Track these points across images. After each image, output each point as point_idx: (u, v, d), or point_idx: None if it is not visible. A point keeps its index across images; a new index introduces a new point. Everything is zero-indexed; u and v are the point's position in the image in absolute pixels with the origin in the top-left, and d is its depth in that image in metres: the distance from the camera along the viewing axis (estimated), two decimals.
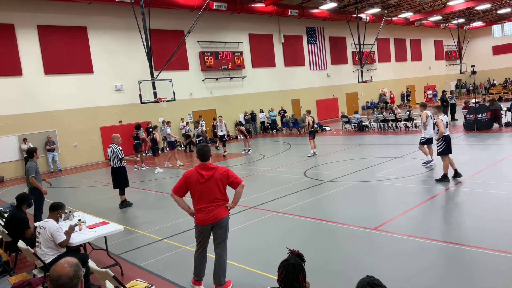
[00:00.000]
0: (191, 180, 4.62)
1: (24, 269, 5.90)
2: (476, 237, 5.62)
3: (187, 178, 4.65)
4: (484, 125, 16.48)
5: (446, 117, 9.11)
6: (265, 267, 5.26)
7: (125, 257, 6.30)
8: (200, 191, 4.61)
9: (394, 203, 7.87)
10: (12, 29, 17.61)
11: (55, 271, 2.21)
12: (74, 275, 2.22)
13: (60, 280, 2.17)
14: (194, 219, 4.77)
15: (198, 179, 4.61)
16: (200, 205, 4.65)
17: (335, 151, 15.58)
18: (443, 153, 8.85)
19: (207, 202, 4.63)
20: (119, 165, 9.51)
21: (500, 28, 44.48)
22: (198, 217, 4.70)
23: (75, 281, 2.21)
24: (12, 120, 17.65)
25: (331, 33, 31.94)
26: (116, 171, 9.56)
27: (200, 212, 4.67)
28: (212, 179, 4.62)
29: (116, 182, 9.64)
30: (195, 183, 4.61)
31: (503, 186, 8.00)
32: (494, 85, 43.10)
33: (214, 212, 4.65)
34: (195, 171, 4.66)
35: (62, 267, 2.22)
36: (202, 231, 4.73)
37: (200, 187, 4.61)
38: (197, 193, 4.63)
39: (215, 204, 4.66)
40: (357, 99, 34.47)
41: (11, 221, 6.07)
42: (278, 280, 2.45)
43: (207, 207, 4.64)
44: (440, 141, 8.83)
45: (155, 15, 18.53)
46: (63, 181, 15.64)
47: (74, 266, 2.25)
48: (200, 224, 4.70)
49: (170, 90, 17.47)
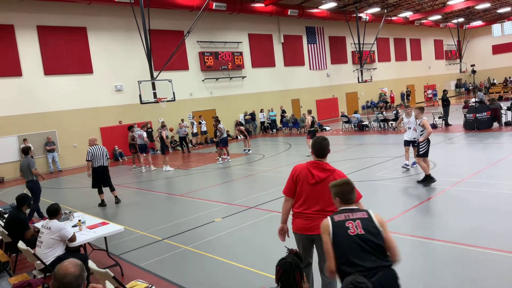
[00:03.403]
0: (300, 178, 3.80)
1: (24, 270, 5.90)
2: (477, 236, 5.61)
3: (296, 176, 3.82)
4: (484, 124, 16.47)
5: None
6: (265, 266, 5.26)
7: (125, 257, 6.31)
8: (307, 193, 3.76)
9: (394, 203, 7.87)
10: (12, 30, 17.61)
11: (60, 270, 2.30)
12: (79, 275, 2.31)
13: (65, 278, 2.25)
14: (292, 223, 3.91)
15: (308, 178, 3.77)
16: (303, 209, 3.77)
17: (335, 151, 15.58)
18: (425, 155, 8.80)
19: (313, 208, 3.72)
20: (107, 164, 10.17)
21: (500, 27, 44.47)
22: (299, 223, 3.80)
23: (79, 281, 2.30)
24: (12, 120, 17.65)
25: (330, 32, 31.94)
26: (107, 170, 10.16)
27: (300, 218, 3.78)
28: (326, 183, 3.62)
29: (107, 180, 10.22)
30: (304, 182, 3.78)
31: (503, 186, 7.99)
32: (494, 84, 43.11)
33: (318, 222, 3.34)
34: (306, 167, 3.82)
35: (68, 267, 2.31)
36: (300, 240, 3.86)
37: (309, 187, 3.75)
38: (302, 193, 3.79)
39: (322, 214, 3.61)
40: (357, 98, 34.47)
41: (11, 222, 6.07)
42: (276, 279, 2.45)
43: (310, 214, 3.71)
44: (424, 142, 8.77)
45: (154, 16, 18.53)
46: (63, 182, 15.65)
47: (79, 267, 2.35)
48: (296, 232, 3.86)
49: (170, 90, 17.48)
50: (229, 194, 10.53)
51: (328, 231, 3.01)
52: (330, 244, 2.96)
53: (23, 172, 9.00)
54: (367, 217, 3.01)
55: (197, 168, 14.99)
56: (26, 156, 9.01)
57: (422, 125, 8.82)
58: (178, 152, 21.20)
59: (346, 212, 3.07)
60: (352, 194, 3.20)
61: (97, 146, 10.10)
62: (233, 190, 10.99)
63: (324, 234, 3.05)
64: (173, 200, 10.18)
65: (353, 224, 2.97)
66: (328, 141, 3.90)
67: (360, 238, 2.88)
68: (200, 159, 17.64)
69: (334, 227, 2.99)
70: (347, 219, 3.01)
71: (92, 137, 10.56)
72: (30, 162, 8.87)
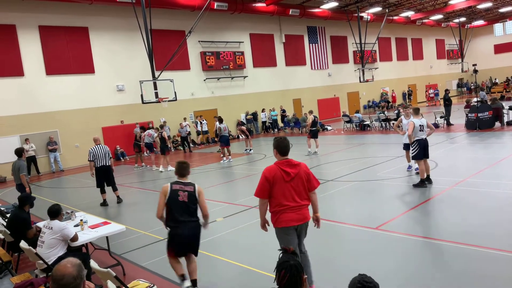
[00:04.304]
0: (276, 180, 4.11)
1: (26, 269, 5.92)
2: (478, 236, 5.60)
3: (271, 178, 4.12)
4: (486, 124, 16.44)
5: (420, 121, 8.77)
6: (266, 266, 5.26)
7: (127, 257, 6.32)
8: (286, 190, 4.13)
9: (395, 203, 7.87)
10: (14, 30, 17.65)
11: (58, 271, 2.21)
12: (77, 275, 2.22)
13: (63, 279, 2.17)
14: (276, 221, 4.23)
15: (283, 177, 4.12)
16: (287, 205, 4.14)
17: (336, 150, 15.57)
18: (416, 157, 8.74)
19: (295, 201, 4.16)
20: (110, 163, 10.20)
21: (502, 26, 44.34)
22: (289, 217, 4.15)
23: (78, 281, 2.22)
24: (13, 120, 17.69)
25: (332, 32, 31.91)
26: (110, 169, 10.20)
27: (287, 212, 4.15)
28: (298, 177, 4.16)
29: (111, 179, 10.25)
30: (280, 182, 4.12)
31: (505, 185, 7.98)
32: (496, 84, 43.00)
33: (303, 212, 4.21)
34: (277, 169, 4.15)
35: (65, 267, 2.22)
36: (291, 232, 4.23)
37: (286, 185, 4.12)
38: (281, 192, 4.13)
39: (303, 203, 4.21)
40: (359, 98, 34.43)
41: (13, 221, 6.09)
42: (281, 283, 2.29)
43: (295, 207, 4.16)
44: (414, 144, 8.72)
45: (156, 15, 18.54)
46: (65, 181, 15.68)
47: (77, 266, 2.25)
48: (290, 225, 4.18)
49: (172, 90, 17.49)
50: (231, 193, 10.54)
51: (166, 193, 4.59)
52: (164, 202, 4.57)
53: (14, 173, 8.95)
54: (192, 191, 4.64)
55: (198, 168, 15.00)
56: (19, 159, 8.88)
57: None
58: (180, 152, 21.22)
59: (180, 184, 4.66)
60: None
61: (99, 145, 10.12)
62: (235, 190, 10.99)
63: (162, 194, 4.61)
64: None
65: (182, 194, 4.58)
66: (289, 140, 4.40)
67: (184, 203, 4.57)
68: (201, 158, 17.64)
69: (171, 192, 4.58)
70: (180, 190, 4.60)
71: (95, 136, 10.62)
72: (20, 166, 8.73)
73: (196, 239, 4.72)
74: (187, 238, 4.61)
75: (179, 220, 4.54)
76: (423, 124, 8.73)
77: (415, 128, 8.69)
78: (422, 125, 8.71)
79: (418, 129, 8.70)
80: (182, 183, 4.69)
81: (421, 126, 8.72)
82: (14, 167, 8.91)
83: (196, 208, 4.66)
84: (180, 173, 4.78)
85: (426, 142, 8.75)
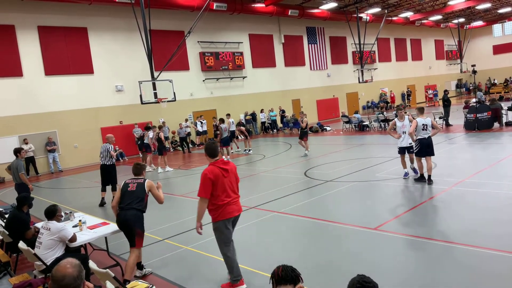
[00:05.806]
0: (218, 178, 4.66)
1: (25, 270, 5.90)
2: (477, 236, 5.60)
3: (213, 177, 4.64)
4: (484, 124, 16.46)
5: (424, 120, 8.73)
6: (266, 267, 5.25)
7: (125, 257, 6.29)
8: (226, 185, 4.72)
9: (394, 203, 7.87)
10: (13, 30, 17.62)
11: (58, 272, 2.20)
12: (78, 275, 2.22)
13: (64, 280, 2.17)
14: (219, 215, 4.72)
15: (223, 174, 4.72)
16: (228, 199, 4.73)
17: (335, 151, 15.57)
18: (417, 154, 9.01)
19: (234, 194, 4.82)
20: (111, 162, 10.32)
21: (501, 27, 44.43)
22: (232, 209, 4.77)
23: (78, 281, 2.22)
24: (12, 121, 17.66)
25: (331, 33, 31.93)
26: (109, 168, 10.30)
27: (230, 204, 4.76)
28: (231, 172, 4.83)
29: (109, 178, 10.32)
30: (221, 179, 4.69)
31: (504, 186, 7.98)
32: (495, 85, 43.07)
33: (239, 203, 4.91)
34: (216, 168, 4.72)
35: (66, 268, 2.22)
36: (230, 222, 4.82)
37: (225, 181, 4.72)
38: (223, 188, 4.70)
39: (238, 196, 4.91)
40: (358, 99, 34.45)
41: (12, 222, 6.07)
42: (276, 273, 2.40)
43: (234, 200, 4.81)
44: (416, 143, 8.93)
45: (155, 16, 18.54)
46: (64, 182, 15.65)
47: (77, 267, 2.25)
48: (232, 216, 4.78)
49: (171, 91, 17.48)
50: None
51: (120, 186, 5.51)
52: (119, 193, 5.38)
53: (13, 173, 9.00)
54: (141, 182, 5.43)
55: (197, 168, 14.99)
56: (17, 158, 8.96)
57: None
58: (179, 153, 21.21)
59: (133, 178, 5.54)
60: None
61: (104, 144, 10.45)
62: None
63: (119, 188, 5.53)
64: (173, 200, 10.17)
65: (132, 185, 5.40)
66: (217, 144, 5.11)
67: (132, 192, 5.33)
68: (200, 159, 17.63)
69: (123, 185, 5.46)
70: (131, 182, 5.45)
71: (108, 134, 10.89)
72: (18, 165, 8.81)
73: (128, 226, 5.21)
74: (121, 224, 5.27)
75: (121, 206, 5.29)
76: (427, 123, 8.74)
77: (417, 127, 8.74)
78: (426, 125, 8.73)
79: (421, 128, 8.73)
80: (135, 179, 5.54)
81: (425, 126, 8.73)
82: (13, 167, 8.95)
83: (142, 198, 5.33)
84: (134, 173, 5.63)
85: (429, 141, 8.78)
